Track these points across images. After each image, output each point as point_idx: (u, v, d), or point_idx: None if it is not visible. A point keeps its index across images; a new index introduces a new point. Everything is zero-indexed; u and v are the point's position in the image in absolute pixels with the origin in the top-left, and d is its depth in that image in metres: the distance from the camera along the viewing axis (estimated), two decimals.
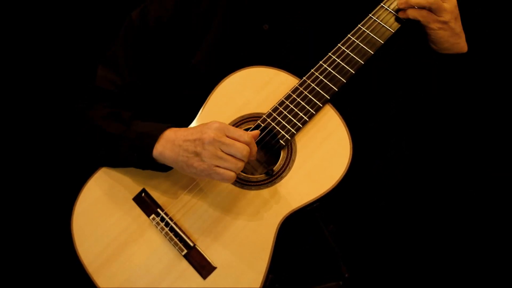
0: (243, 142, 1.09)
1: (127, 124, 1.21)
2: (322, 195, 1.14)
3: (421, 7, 1.16)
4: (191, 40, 1.30)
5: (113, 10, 1.73)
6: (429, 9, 1.15)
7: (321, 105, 1.18)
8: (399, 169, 1.68)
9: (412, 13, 1.17)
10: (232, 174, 1.09)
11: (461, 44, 1.21)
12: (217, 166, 1.09)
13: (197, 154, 1.10)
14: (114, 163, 1.23)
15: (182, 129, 1.16)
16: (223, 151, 1.08)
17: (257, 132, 1.14)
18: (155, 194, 1.21)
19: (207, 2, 1.31)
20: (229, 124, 1.21)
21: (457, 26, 1.19)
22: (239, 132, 1.09)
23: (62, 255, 1.58)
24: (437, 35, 1.18)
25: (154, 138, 1.16)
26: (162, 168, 1.18)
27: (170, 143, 1.14)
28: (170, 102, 1.33)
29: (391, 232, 1.71)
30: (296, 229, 1.19)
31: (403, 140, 1.61)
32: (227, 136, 1.09)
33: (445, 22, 1.16)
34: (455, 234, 1.71)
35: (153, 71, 1.32)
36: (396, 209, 1.71)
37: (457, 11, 1.18)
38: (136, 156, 1.18)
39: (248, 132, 1.11)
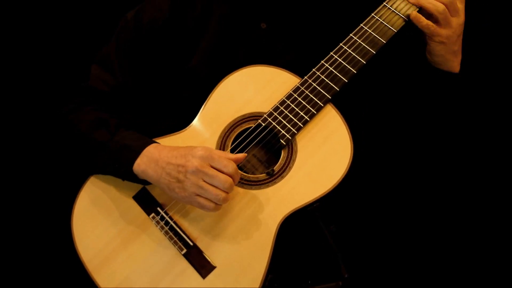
0: (227, 173, 1.08)
1: (112, 133, 1.21)
2: (322, 195, 1.14)
3: (430, 14, 1.15)
4: (188, 42, 1.29)
5: (104, 11, 1.72)
6: (436, 19, 1.14)
7: (322, 105, 1.18)
8: (399, 169, 1.68)
9: (422, 22, 1.15)
10: (213, 205, 1.09)
11: (454, 63, 1.20)
12: (198, 196, 1.09)
13: (179, 181, 1.10)
14: (95, 170, 1.23)
15: (167, 149, 1.15)
16: (205, 182, 1.08)
17: (243, 155, 1.13)
18: (155, 193, 1.20)
19: (203, 3, 1.30)
20: (230, 123, 1.21)
21: (457, 44, 1.18)
22: (224, 162, 1.08)
23: (62, 253, 1.58)
24: (436, 47, 1.17)
25: (135, 153, 1.16)
26: (141, 182, 1.18)
27: (153, 163, 1.13)
28: (169, 103, 1.32)
29: (391, 232, 1.71)
30: (296, 229, 1.19)
31: (403, 139, 1.60)
32: (211, 166, 1.08)
33: (448, 37, 1.15)
34: (455, 234, 1.71)
35: (148, 73, 1.31)
36: (396, 209, 1.71)
37: (461, 30, 1.17)
38: (117, 167, 1.18)
39: (233, 157, 1.10)
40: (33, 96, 1.79)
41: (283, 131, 1.17)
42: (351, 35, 1.20)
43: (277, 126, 1.18)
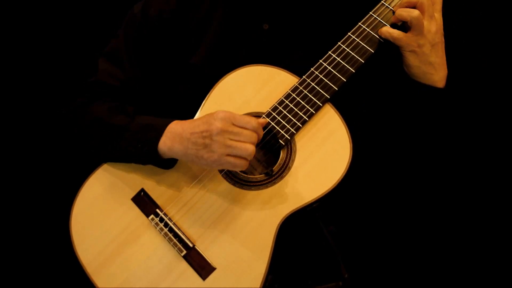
0: (251, 129, 1.08)
1: (131, 117, 1.20)
2: (322, 195, 1.13)
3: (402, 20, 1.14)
4: (191, 38, 1.29)
5: (108, 7, 1.72)
6: (411, 24, 1.13)
7: (321, 105, 1.18)
8: (398, 169, 1.68)
9: (384, 30, 1.15)
10: (244, 161, 1.09)
11: (434, 77, 1.16)
12: (228, 155, 1.08)
13: (206, 146, 1.09)
14: (115, 157, 1.22)
15: (188, 122, 1.15)
16: (232, 140, 1.08)
17: (265, 120, 1.14)
18: (154, 194, 1.20)
19: (209, 0, 1.30)
20: None
21: (433, 55, 1.14)
22: (245, 119, 1.09)
23: (61, 255, 1.57)
24: (409, 57, 1.15)
25: (159, 131, 1.15)
26: (163, 163, 1.17)
27: (178, 137, 1.13)
28: (169, 100, 1.32)
29: (391, 232, 1.71)
30: (296, 230, 1.18)
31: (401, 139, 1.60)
32: (234, 125, 1.08)
33: (419, 45, 1.13)
34: (455, 234, 1.71)
35: (153, 67, 1.31)
36: (396, 209, 1.71)
37: (437, 39, 1.14)
38: (140, 147, 1.16)
39: (255, 119, 1.11)
40: (33, 95, 1.78)
41: (282, 131, 1.17)
42: (349, 34, 1.20)
43: (276, 126, 1.18)
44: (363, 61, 1.18)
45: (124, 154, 1.20)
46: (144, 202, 1.20)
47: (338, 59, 1.19)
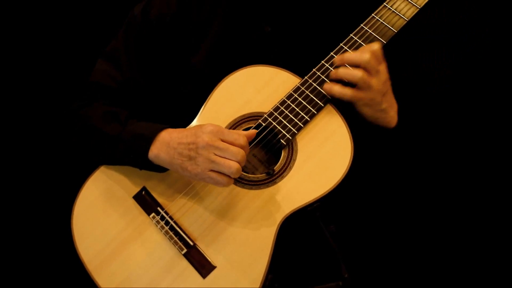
0: (238, 146, 1.08)
1: (123, 125, 1.21)
2: (323, 195, 1.14)
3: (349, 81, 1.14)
4: (192, 38, 1.30)
5: (108, 8, 1.73)
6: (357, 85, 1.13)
7: (322, 105, 1.18)
8: (399, 169, 1.68)
9: (337, 91, 1.14)
10: (226, 178, 1.08)
11: (387, 119, 1.18)
12: (212, 171, 1.08)
13: (191, 158, 1.09)
14: (112, 163, 1.23)
15: (177, 131, 1.15)
16: (217, 155, 1.08)
17: (253, 131, 1.13)
18: (155, 193, 1.21)
19: (210, 2, 1.31)
20: (230, 123, 1.21)
21: (384, 102, 1.15)
22: (234, 136, 1.08)
23: (62, 253, 1.58)
24: (362, 109, 1.17)
25: (149, 140, 1.15)
26: (158, 169, 1.18)
27: (165, 146, 1.13)
28: (171, 101, 1.32)
29: (391, 232, 1.71)
30: (296, 229, 1.19)
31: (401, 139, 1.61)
32: (222, 140, 1.08)
33: (371, 99, 1.14)
34: (455, 234, 1.71)
35: (154, 68, 1.32)
36: (396, 209, 1.71)
37: (385, 88, 1.15)
38: (132, 157, 1.18)
39: (244, 133, 1.10)
40: (34, 96, 1.79)
41: (283, 131, 1.17)
42: (351, 35, 1.20)
43: (277, 126, 1.18)
44: None
45: (119, 162, 1.22)
46: (146, 201, 1.20)
47: None
